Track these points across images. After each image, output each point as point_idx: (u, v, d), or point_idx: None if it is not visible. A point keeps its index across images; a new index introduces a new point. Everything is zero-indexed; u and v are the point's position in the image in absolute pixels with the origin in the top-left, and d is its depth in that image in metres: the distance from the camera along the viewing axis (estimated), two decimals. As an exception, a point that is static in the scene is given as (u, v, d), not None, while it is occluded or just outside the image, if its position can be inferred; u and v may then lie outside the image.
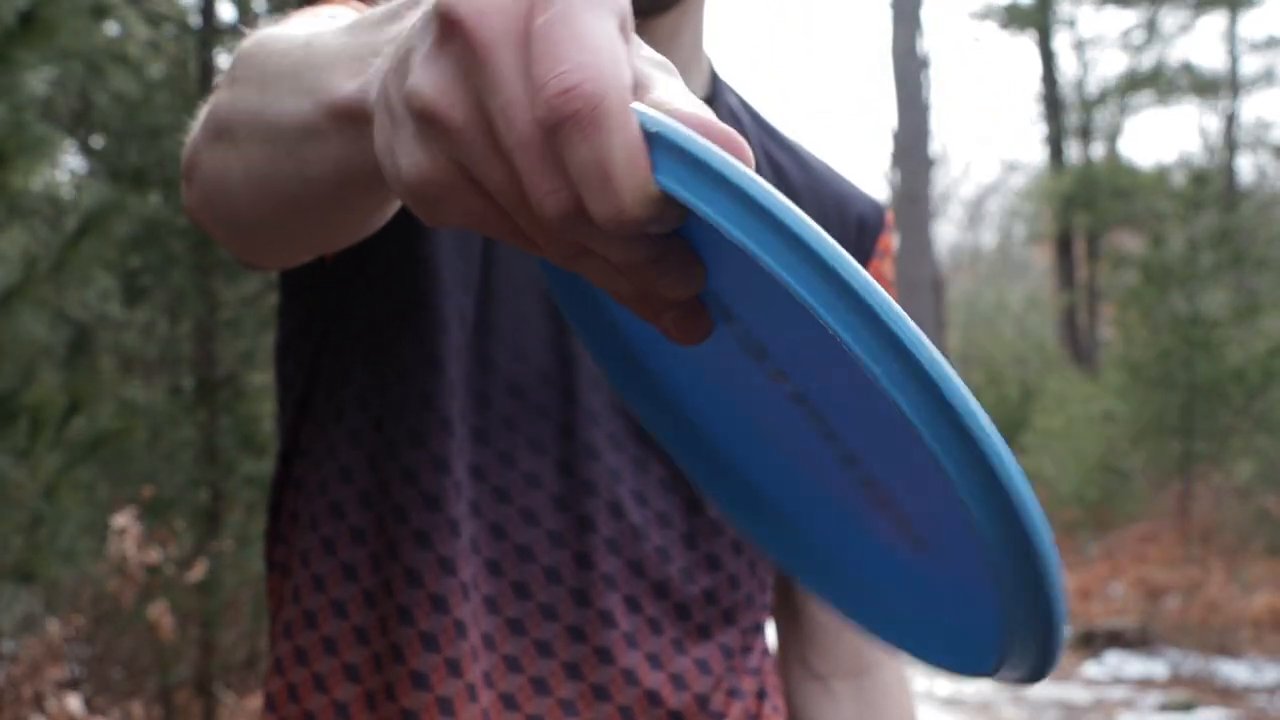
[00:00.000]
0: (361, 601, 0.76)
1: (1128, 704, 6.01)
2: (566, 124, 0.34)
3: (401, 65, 0.39)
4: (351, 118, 0.48)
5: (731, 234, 0.34)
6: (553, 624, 0.76)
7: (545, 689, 0.76)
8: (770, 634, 0.89)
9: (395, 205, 0.60)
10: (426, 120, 0.37)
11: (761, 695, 0.84)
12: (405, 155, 0.39)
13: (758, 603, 0.84)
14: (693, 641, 0.80)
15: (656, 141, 0.35)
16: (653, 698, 0.77)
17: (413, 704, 0.73)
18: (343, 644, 0.76)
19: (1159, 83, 17.22)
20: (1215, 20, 17.51)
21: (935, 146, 22.84)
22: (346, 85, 0.48)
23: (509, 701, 0.75)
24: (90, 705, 3.37)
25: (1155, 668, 6.69)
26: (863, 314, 0.33)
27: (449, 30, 0.36)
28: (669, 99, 0.36)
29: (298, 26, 0.60)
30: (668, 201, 0.35)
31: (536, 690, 0.76)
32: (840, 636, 0.89)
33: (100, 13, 3.28)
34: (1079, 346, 16.12)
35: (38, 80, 2.58)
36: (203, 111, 0.64)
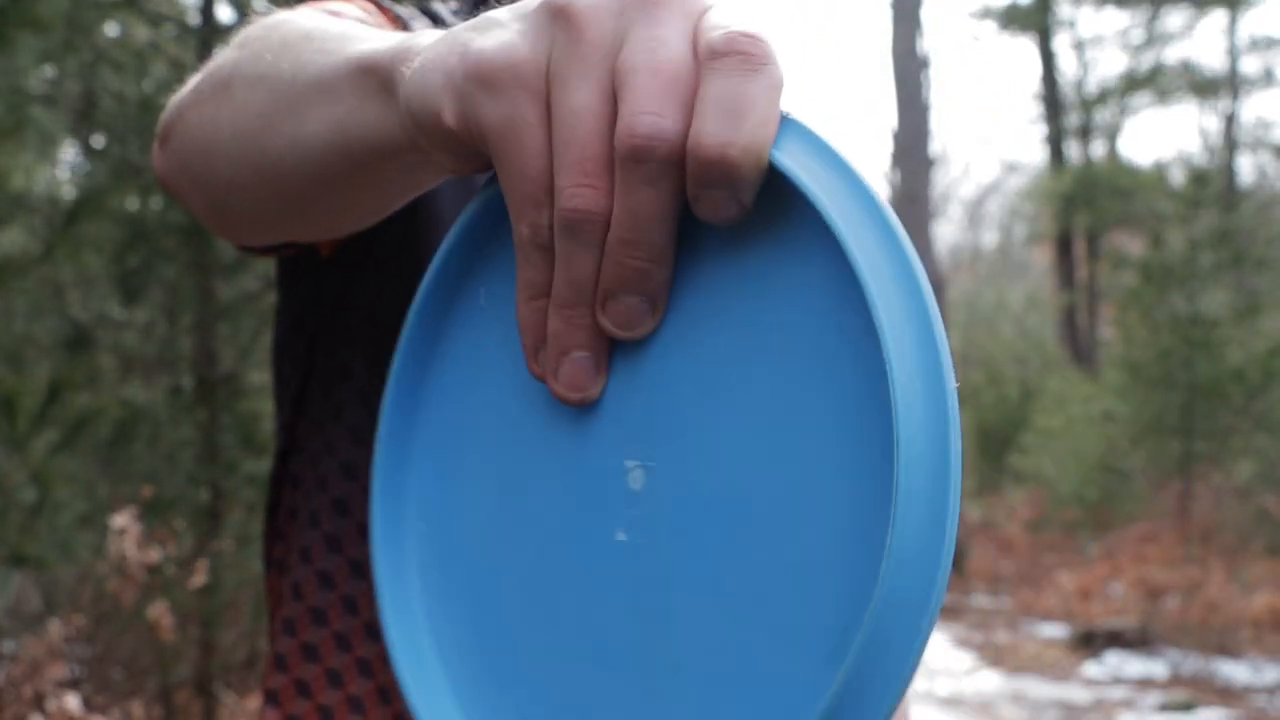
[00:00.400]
0: (372, 598, 0.76)
1: (1128, 704, 6.01)
2: (735, 57, 0.36)
3: None
4: (375, 72, 0.47)
5: (834, 227, 0.35)
6: None
7: None
8: None
9: (374, 210, 0.57)
10: (562, 16, 0.38)
11: None
12: (499, 37, 0.39)
13: None
14: None
15: (789, 127, 0.37)
16: None
17: None
18: (355, 640, 0.76)
19: (1159, 83, 17.23)
20: (1215, 20, 17.51)
21: (935, 146, 22.82)
22: (383, 44, 0.48)
23: None
24: (90, 705, 3.37)
25: (1155, 668, 6.69)
26: (926, 363, 0.34)
27: None
28: None
29: (328, 19, 0.59)
30: (758, 181, 0.36)
31: None
32: None
33: (101, 12, 3.28)
34: (1079, 346, 16.12)
35: (37, 80, 2.58)
36: (195, 76, 0.63)
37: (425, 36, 0.45)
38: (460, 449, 0.46)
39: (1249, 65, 17.66)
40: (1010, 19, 17.73)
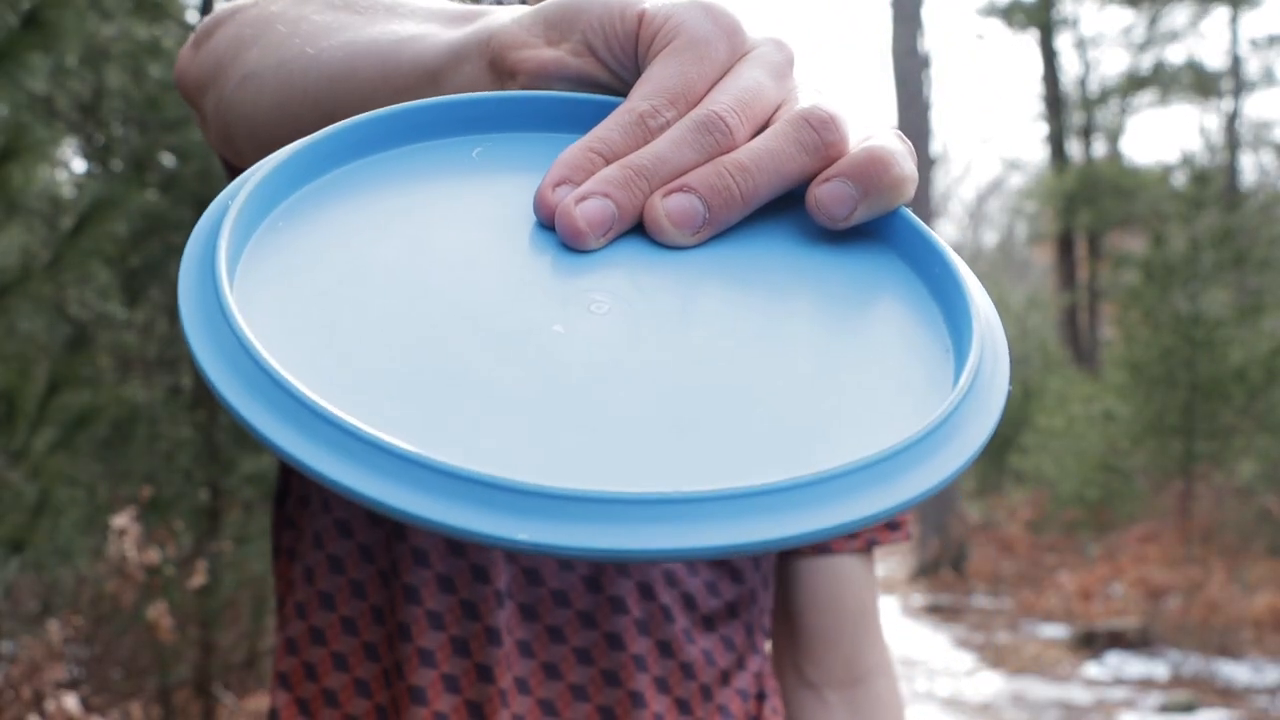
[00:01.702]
0: (378, 584, 0.77)
1: (1129, 704, 6.01)
2: (905, 144, 0.43)
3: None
4: (475, 12, 0.50)
5: (948, 257, 0.41)
6: (565, 609, 0.76)
7: (557, 674, 0.76)
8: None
9: None
10: (780, 43, 0.44)
11: (761, 696, 0.84)
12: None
13: (760, 601, 0.84)
14: (700, 633, 0.80)
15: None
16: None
17: (419, 680, 0.74)
18: (361, 624, 0.77)
19: (1161, 81, 17.22)
20: (1217, 20, 17.52)
21: (936, 146, 22.88)
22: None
23: (522, 686, 0.75)
24: (89, 706, 3.37)
25: (1156, 668, 6.69)
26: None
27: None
28: None
29: None
30: (890, 206, 0.41)
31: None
32: (834, 645, 0.88)
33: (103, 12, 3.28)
34: (1080, 346, 16.12)
35: (39, 80, 2.58)
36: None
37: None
38: (378, 216, 0.42)
39: (1251, 64, 17.67)
40: (1013, 16, 17.73)
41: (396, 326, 0.37)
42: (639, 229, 0.41)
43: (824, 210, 0.41)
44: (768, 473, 0.32)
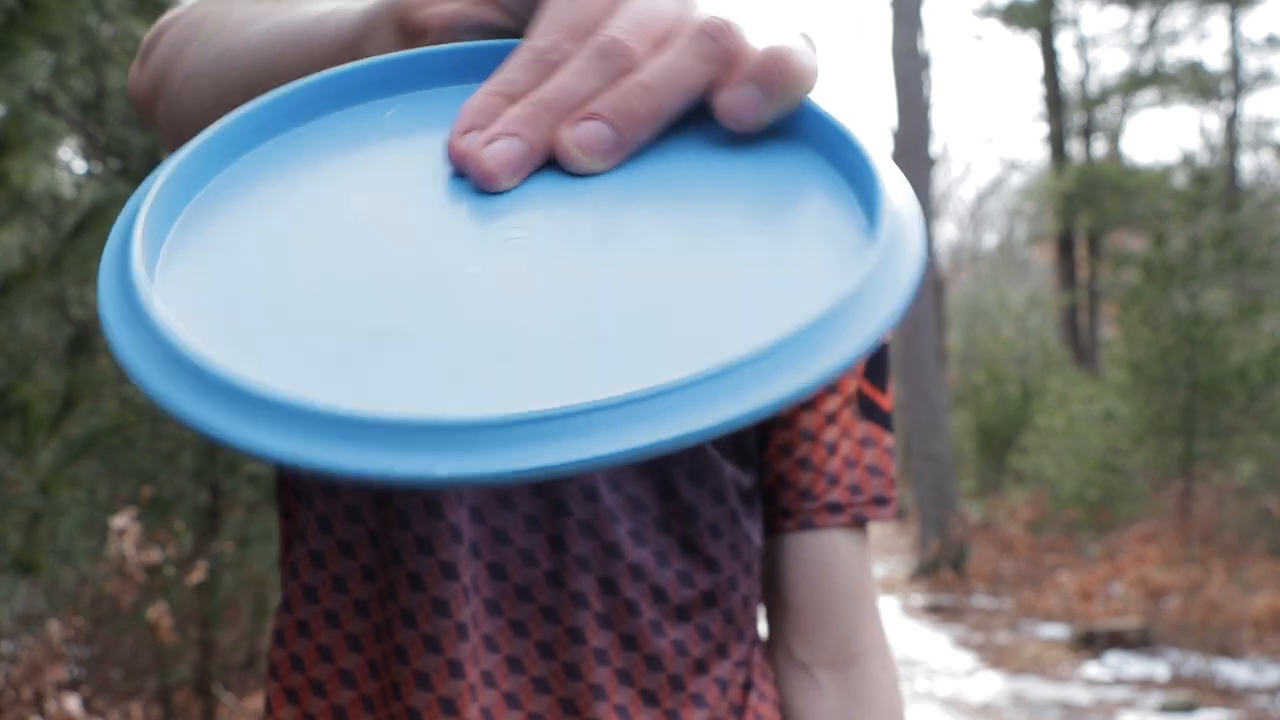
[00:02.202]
0: (360, 578, 0.78)
1: (1129, 704, 6.01)
2: (804, 38, 0.44)
3: None
4: None
5: (858, 143, 0.42)
6: (528, 604, 0.77)
7: (520, 667, 0.76)
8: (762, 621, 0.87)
9: None
10: None
11: (748, 686, 0.83)
12: None
13: (741, 588, 0.82)
14: (671, 624, 0.79)
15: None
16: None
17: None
18: (344, 617, 0.78)
19: (1161, 81, 17.23)
20: (1217, 20, 17.51)
21: (936, 146, 22.90)
22: None
23: (489, 679, 0.76)
24: (90, 706, 3.37)
25: (1156, 668, 6.69)
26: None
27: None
28: None
29: None
30: (794, 101, 0.42)
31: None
32: (825, 624, 0.86)
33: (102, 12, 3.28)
34: (1080, 346, 16.12)
35: (39, 76, 2.57)
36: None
37: None
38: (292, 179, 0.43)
39: (1250, 64, 17.67)
40: (1013, 17, 17.73)
41: (315, 292, 0.38)
42: (554, 164, 0.42)
43: (732, 116, 0.41)
44: (682, 371, 0.32)
